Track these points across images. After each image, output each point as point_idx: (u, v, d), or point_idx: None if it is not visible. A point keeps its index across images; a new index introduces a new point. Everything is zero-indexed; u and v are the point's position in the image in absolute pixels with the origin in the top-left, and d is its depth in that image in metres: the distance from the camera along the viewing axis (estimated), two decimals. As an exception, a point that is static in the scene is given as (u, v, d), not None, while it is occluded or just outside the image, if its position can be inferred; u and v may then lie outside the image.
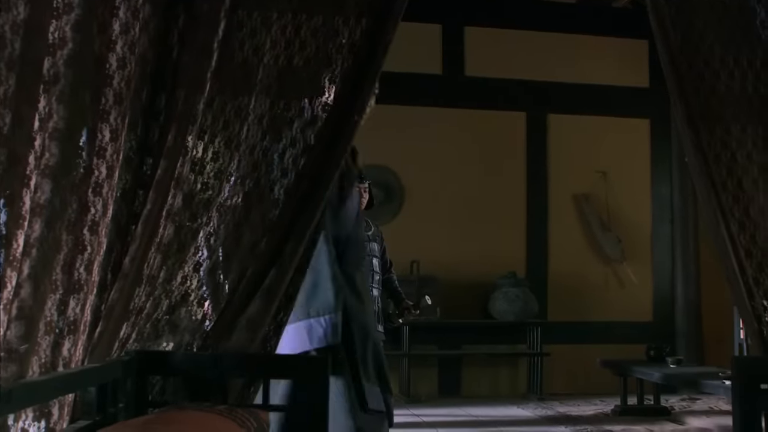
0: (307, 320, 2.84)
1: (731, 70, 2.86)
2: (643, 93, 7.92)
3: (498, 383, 7.53)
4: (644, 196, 7.89)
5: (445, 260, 7.32)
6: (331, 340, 2.85)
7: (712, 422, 6.01)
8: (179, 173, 2.39)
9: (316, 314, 2.86)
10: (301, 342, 2.83)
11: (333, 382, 2.59)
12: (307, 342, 2.83)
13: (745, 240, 2.77)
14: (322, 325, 2.85)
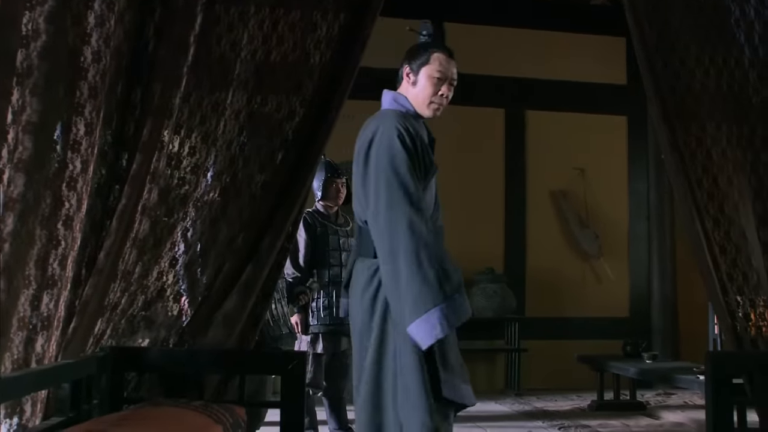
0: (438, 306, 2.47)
1: (706, 69, 2.90)
2: (620, 90, 7.97)
3: (476, 379, 7.53)
4: (621, 193, 7.94)
5: (423, 256, 7.30)
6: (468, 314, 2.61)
7: (686, 416, 6.08)
8: (155, 168, 2.38)
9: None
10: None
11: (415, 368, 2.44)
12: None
13: (720, 236, 2.81)
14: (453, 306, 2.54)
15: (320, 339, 4.93)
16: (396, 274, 2.39)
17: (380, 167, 2.50)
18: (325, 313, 4.95)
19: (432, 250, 2.49)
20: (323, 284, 4.97)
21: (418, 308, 2.38)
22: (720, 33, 2.87)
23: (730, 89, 2.87)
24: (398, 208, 2.46)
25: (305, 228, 5.02)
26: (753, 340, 2.79)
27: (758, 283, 2.79)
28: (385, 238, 2.42)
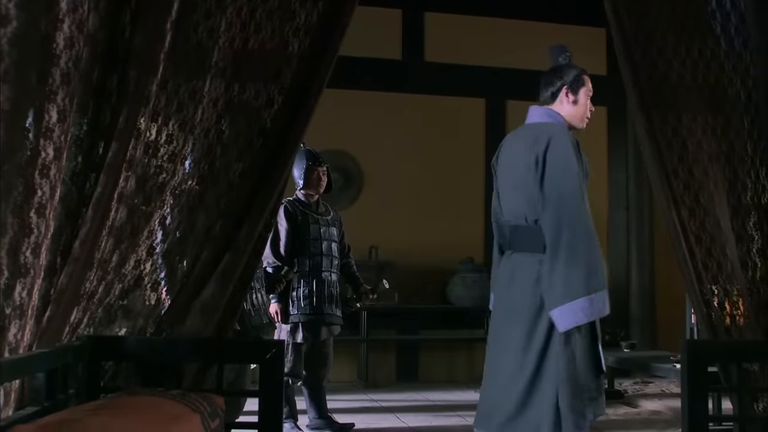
0: (588, 296, 2.96)
1: (683, 59, 2.91)
2: (600, 81, 7.89)
3: (455, 368, 7.59)
4: (601, 183, 7.98)
5: (404, 246, 7.34)
6: (607, 311, 3.11)
7: (663, 404, 6.15)
8: (132, 156, 2.36)
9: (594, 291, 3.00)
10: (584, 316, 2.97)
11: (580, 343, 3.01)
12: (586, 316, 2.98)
13: (695, 226, 2.83)
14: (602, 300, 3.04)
15: (300, 328, 4.93)
16: (566, 263, 2.92)
17: (561, 175, 2.98)
18: (306, 302, 4.94)
19: (596, 247, 3.05)
20: (304, 273, 4.97)
21: (570, 294, 2.92)
22: (697, 24, 2.89)
23: (705, 80, 2.89)
24: (579, 209, 3.01)
25: (286, 217, 5.00)
26: (727, 328, 2.82)
27: (732, 272, 2.82)
28: (567, 233, 2.94)
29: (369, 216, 7.32)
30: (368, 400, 6.42)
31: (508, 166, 3.19)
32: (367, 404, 6.24)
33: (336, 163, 7.29)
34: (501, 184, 3.26)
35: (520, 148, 3.12)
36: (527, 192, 3.04)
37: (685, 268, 2.83)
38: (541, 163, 2.99)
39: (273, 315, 4.95)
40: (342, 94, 7.42)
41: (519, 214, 3.10)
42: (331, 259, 5.11)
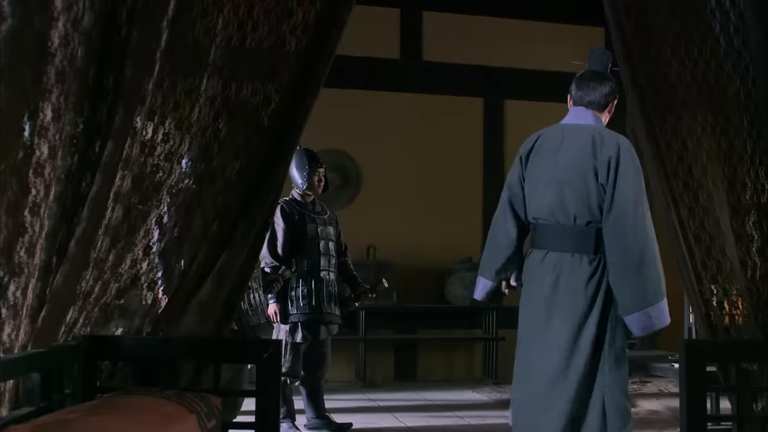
0: (659, 303, 3.20)
1: (682, 58, 2.89)
2: (598, 80, 7.97)
3: (453, 367, 7.58)
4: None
5: (402, 245, 7.32)
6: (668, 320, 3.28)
7: (661, 404, 6.13)
8: (128, 155, 2.34)
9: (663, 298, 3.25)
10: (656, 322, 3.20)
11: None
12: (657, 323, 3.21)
13: (695, 225, 2.80)
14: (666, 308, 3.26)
15: (299, 328, 4.92)
16: (639, 267, 3.06)
17: (635, 182, 3.13)
18: (305, 302, 4.93)
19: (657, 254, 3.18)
20: (302, 273, 4.95)
21: (648, 300, 3.08)
22: (696, 22, 2.86)
23: (705, 79, 2.86)
24: (648, 217, 3.17)
25: (282, 216, 4.99)
26: (726, 328, 2.80)
27: (731, 272, 2.80)
28: (639, 237, 3.08)
29: (367, 215, 7.29)
30: (366, 399, 6.40)
31: (554, 161, 3.14)
32: (365, 404, 6.23)
33: (334, 162, 7.27)
34: (536, 179, 3.20)
35: (577, 147, 3.13)
36: (583, 193, 3.08)
37: (684, 268, 2.81)
38: (614, 168, 3.08)
39: (272, 315, 4.94)
40: (340, 94, 7.39)
41: (566, 213, 3.12)
42: (329, 258, 5.10)
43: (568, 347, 3.04)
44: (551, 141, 3.21)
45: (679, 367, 2.66)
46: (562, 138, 3.20)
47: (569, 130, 3.22)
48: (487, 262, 3.40)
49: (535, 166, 3.22)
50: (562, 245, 3.13)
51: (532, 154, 3.24)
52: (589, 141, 3.11)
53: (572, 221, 3.10)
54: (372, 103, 7.48)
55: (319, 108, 7.42)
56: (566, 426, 3.03)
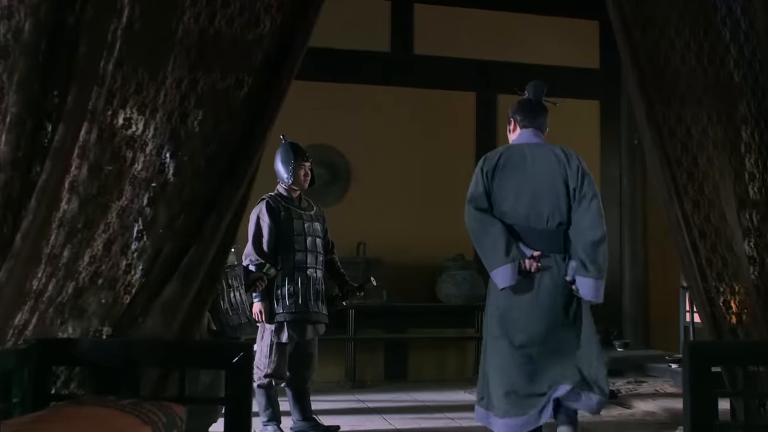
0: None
1: (686, 40, 2.69)
2: (593, 74, 7.78)
3: (445, 367, 7.37)
4: (594, 178, 7.73)
5: (392, 242, 7.10)
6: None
7: (657, 405, 5.93)
8: (84, 140, 2.12)
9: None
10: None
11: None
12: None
13: (699, 219, 2.60)
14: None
15: (285, 328, 4.70)
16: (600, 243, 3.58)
17: (594, 186, 3.73)
18: (291, 300, 4.70)
19: None
20: (288, 270, 4.73)
21: (602, 272, 3.59)
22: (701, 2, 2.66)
23: (711, 63, 2.67)
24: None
25: (268, 212, 4.77)
26: (732, 329, 2.60)
27: (738, 269, 2.60)
28: (600, 221, 3.61)
29: (357, 212, 7.08)
30: (355, 400, 6.18)
31: (524, 174, 3.62)
32: (354, 405, 6.01)
33: (323, 158, 7.06)
34: (508, 190, 3.62)
35: (546, 161, 3.65)
36: (555, 198, 3.60)
37: (687, 264, 2.60)
38: (581, 174, 3.65)
39: (256, 315, 4.72)
40: (329, 88, 7.19)
41: (540, 217, 3.60)
42: (315, 255, 4.88)
43: (556, 335, 3.56)
44: (516, 158, 3.67)
45: (683, 370, 2.46)
46: (527, 155, 3.68)
47: (532, 149, 3.71)
48: (491, 254, 3.63)
49: (505, 179, 3.64)
50: (535, 245, 3.59)
51: (497, 170, 3.66)
52: (555, 156, 3.68)
53: (545, 223, 3.59)
54: (362, 98, 7.26)
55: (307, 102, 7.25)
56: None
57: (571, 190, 3.62)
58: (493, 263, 3.61)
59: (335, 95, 7.17)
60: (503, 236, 3.57)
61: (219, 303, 3.61)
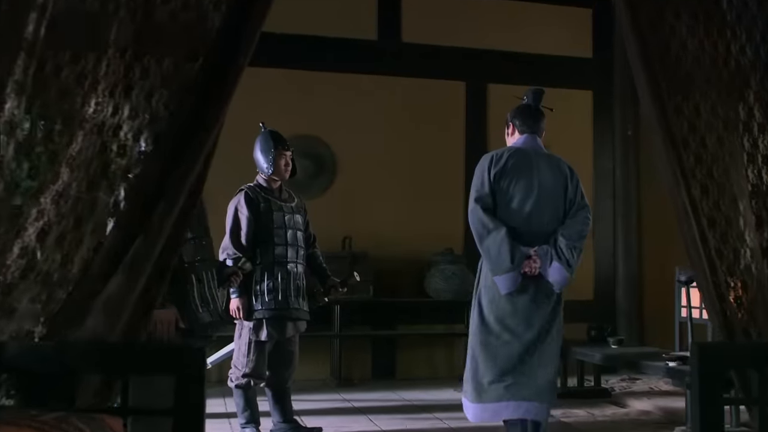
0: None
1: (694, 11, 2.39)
2: (586, 64, 7.48)
3: (434, 365, 7.07)
4: (586, 170, 7.46)
5: (379, 236, 6.78)
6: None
7: (653, 404, 5.67)
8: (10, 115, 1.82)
9: None
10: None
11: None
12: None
13: (708, 206, 2.32)
14: None
15: (264, 325, 4.42)
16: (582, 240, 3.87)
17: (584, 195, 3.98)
18: (270, 296, 4.43)
19: None
20: (267, 265, 4.45)
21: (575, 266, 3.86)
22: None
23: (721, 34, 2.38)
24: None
25: (247, 203, 4.49)
26: (745, 329, 2.31)
27: (752, 262, 2.31)
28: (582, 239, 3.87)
29: (342, 205, 6.79)
30: (340, 400, 5.90)
31: (531, 179, 3.82)
32: (339, 405, 5.73)
33: (307, 149, 6.77)
34: (514, 192, 3.81)
35: (551, 169, 3.89)
36: (556, 203, 3.85)
37: (695, 256, 2.31)
38: (577, 183, 3.93)
39: (234, 311, 4.44)
40: (314, 77, 6.89)
41: (541, 220, 3.83)
42: (296, 249, 4.59)
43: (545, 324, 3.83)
44: (524, 162, 3.84)
45: (691, 375, 2.18)
46: (533, 161, 3.86)
47: (538, 155, 3.91)
48: (497, 259, 3.77)
49: (513, 181, 3.81)
50: (533, 244, 3.79)
51: (505, 172, 3.82)
52: (559, 167, 3.91)
53: (545, 226, 3.82)
54: (348, 87, 6.96)
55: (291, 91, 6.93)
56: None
57: (569, 201, 3.88)
58: (498, 269, 3.76)
59: (320, 84, 6.87)
60: (508, 242, 3.71)
61: (188, 299, 3.32)
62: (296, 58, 6.81)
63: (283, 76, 6.76)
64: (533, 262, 3.75)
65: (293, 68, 6.83)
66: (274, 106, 6.27)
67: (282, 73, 6.75)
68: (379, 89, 7.03)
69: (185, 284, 3.31)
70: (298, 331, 4.61)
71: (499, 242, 3.72)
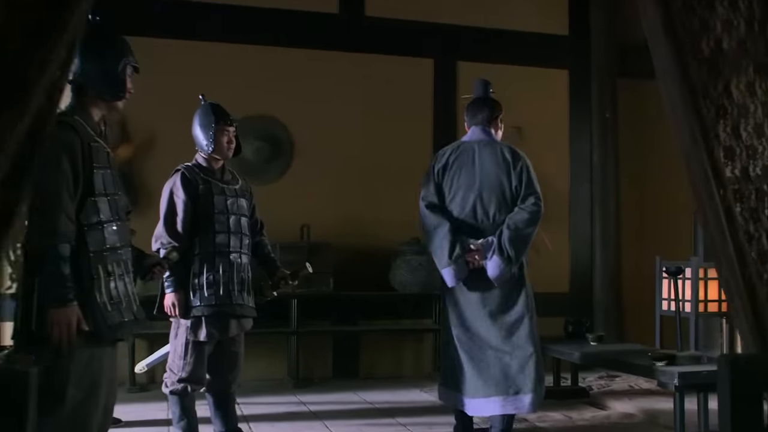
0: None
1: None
2: (562, 41, 6.89)
3: (400, 363, 6.45)
4: (562, 154, 6.90)
5: (340, 224, 6.15)
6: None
7: (635, 405, 5.12)
8: None
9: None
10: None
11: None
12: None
13: (735, 173, 1.73)
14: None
15: (203, 323, 3.80)
16: (532, 234, 3.83)
17: (534, 177, 3.85)
18: (210, 291, 3.81)
19: None
20: (207, 255, 3.83)
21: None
22: None
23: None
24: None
25: (183, 186, 3.86)
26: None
27: (790, 246, 1.73)
28: (529, 227, 3.79)
29: (300, 191, 6.17)
30: (296, 402, 5.28)
31: (473, 172, 3.82)
32: (293, 408, 5.11)
33: (263, 130, 6.17)
34: (457, 188, 3.84)
35: (492, 160, 3.83)
36: (500, 195, 3.80)
37: (719, 240, 1.71)
38: (525, 171, 3.79)
39: (169, 308, 3.82)
40: (271, 52, 6.24)
41: (486, 213, 3.80)
42: (240, 237, 3.97)
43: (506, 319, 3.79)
44: (465, 156, 3.84)
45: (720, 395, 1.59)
46: (476, 153, 3.84)
47: (480, 146, 3.86)
48: (439, 254, 3.81)
49: (455, 176, 3.83)
50: (483, 236, 3.77)
51: (447, 168, 3.85)
52: (500, 154, 3.82)
53: (491, 220, 3.79)
54: (307, 63, 6.33)
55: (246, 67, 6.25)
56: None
57: (514, 188, 3.77)
58: (439, 263, 3.82)
59: (278, 60, 6.23)
60: (449, 237, 3.73)
61: (93, 297, 2.67)
62: (252, 31, 6.18)
63: (236, 51, 6.12)
64: (476, 255, 3.73)
65: (248, 43, 6.19)
66: (226, 84, 5.67)
67: (236, 47, 6.12)
68: (341, 66, 6.41)
69: (89, 278, 2.67)
70: (243, 330, 3.99)
71: (441, 238, 3.76)
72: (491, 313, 3.77)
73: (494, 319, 3.76)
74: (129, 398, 5.18)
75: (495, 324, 3.76)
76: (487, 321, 3.77)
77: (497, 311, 3.77)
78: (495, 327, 3.76)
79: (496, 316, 3.76)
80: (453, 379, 3.85)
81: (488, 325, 3.77)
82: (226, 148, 3.99)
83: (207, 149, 3.94)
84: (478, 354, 3.77)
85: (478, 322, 3.78)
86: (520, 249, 3.72)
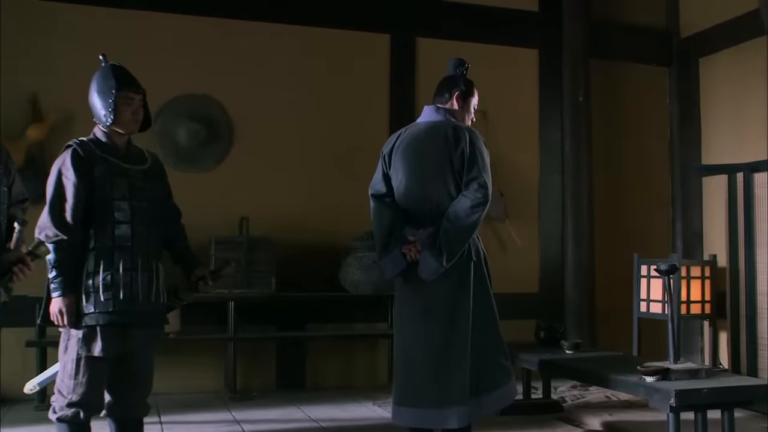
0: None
1: None
2: (531, 18, 6.10)
3: (352, 372, 5.61)
4: (531, 141, 6.14)
5: (284, 217, 5.31)
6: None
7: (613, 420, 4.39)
8: None
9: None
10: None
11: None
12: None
13: None
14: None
15: (98, 335, 2.98)
16: (474, 227, 3.34)
17: (483, 160, 3.34)
18: (108, 294, 3.00)
19: None
20: (105, 250, 3.01)
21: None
22: None
23: None
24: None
25: (74, 165, 3.05)
26: None
27: None
28: (470, 217, 3.28)
29: (239, 179, 5.36)
30: (230, 421, 4.43)
31: (415, 157, 3.38)
32: (225, 428, 4.27)
33: (197, 111, 5.36)
34: (402, 174, 3.39)
35: (434, 143, 3.35)
36: (442, 182, 3.32)
37: None
38: (468, 159, 3.29)
39: (56, 317, 3.00)
40: (205, 24, 5.39)
41: (430, 201, 3.32)
42: (147, 228, 3.14)
43: (442, 320, 3.27)
44: (410, 139, 3.42)
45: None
46: (422, 136, 3.41)
47: (428, 128, 3.42)
48: (378, 245, 3.45)
49: (400, 162, 3.40)
50: (426, 225, 3.31)
51: (394, 153, 3.44)
52: (443, 137, 3.34)
53: (436, 208, 3.31)
54: (249, 37, 5.51)
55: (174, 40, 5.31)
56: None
57: (456, 172, 3.32)
58: (377, 255, 3.48)
59: (213, 33, 5.41)
60: (387, 228, 3.37)
61: None
62: (185, 0, 5.37)
63: (165, 22, 5.29)
64: (414, 246, 3.30)
65: (180, 13, 5.35)
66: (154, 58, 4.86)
67: (163, 18, 5.29)
68: (286, 42, 5.59)
69: None
70: (152, 341, 3.17)
71: (380, 226, 3.41)
72: (425, 312, 3.29)
73: (430, 318, 3.27)
74: (36, 418, 4.32)
75: (429, 324, 3.27)
76: (420, 319, 3.29)
77: (435, 310, 3.28)
78: (429, 327, 3.26)
79: (432, 315, 3.27)
80: (398, 395, 3.37)
81: (419, 324, 3.29)
82: (131, 119, 3.15)
83: (106, 121, 3.13)
84: (410, 357, 3.30)
85: (415, 321, 3.32)
86: (456, 242, 3.24)
